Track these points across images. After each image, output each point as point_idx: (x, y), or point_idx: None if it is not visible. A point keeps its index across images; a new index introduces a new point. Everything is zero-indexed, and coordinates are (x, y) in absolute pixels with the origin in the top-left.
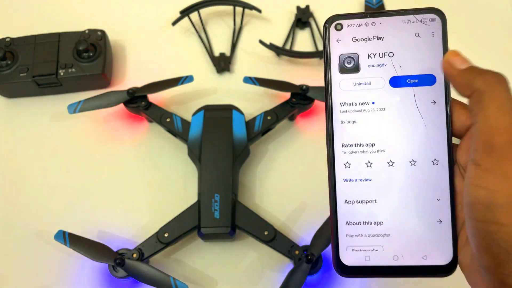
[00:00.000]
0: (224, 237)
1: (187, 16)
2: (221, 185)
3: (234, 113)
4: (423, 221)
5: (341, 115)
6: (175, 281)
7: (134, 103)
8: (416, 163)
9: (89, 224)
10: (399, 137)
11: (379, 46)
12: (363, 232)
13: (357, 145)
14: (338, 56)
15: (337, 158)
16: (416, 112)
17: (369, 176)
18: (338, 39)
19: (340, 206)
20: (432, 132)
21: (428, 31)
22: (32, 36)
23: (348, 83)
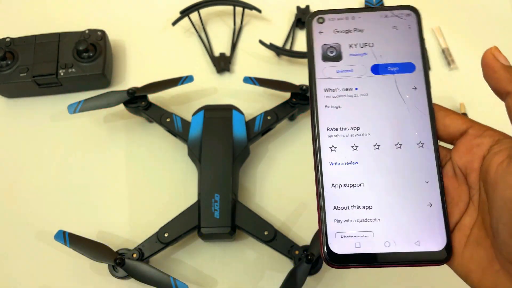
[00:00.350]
0: (224, 237)
1: (187, 16)
2: (221, 185)
3: (234, 113)
4: (413, 204)
5: (325, 100)
6: (175, 281)
7: (134, 103)
8: (402, 146)
9: (89, 224)
10: (383, 121)
11: (359, 37)
12: (352, 217)
13: (342, 128)
14: (321, 46)
15: (323, 142)
16: (398, 97)
17: (355, 159)
18: (321, 31)
19: (327, 190)
20: (415, 116)
21: (405, 24)
22: (32, 36)
23: (331, 71)
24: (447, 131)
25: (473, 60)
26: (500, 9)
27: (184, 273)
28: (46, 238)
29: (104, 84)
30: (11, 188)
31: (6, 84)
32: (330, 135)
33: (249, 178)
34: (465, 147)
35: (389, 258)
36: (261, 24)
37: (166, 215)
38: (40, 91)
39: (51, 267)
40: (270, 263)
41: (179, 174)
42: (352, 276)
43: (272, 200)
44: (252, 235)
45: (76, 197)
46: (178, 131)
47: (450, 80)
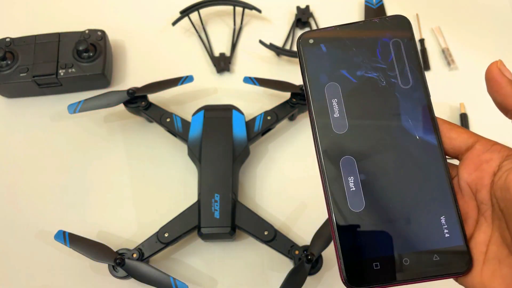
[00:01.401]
0: (224, 237)
1: (187, 16)
2: (221, 185)
3: (234, 113)
4: (428, 218)
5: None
6: (175, 281)
7: (134, 103)
8: (408, 162)
9: (89, 224)
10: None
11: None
12: (369, 237)
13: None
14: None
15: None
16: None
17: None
18: (313, 52)
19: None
20: (416, 122)
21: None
22: (32, 36)
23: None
24: (452, 144)
25: (473, 60)
26: (500, 9)
27: (184, 273)
28: (46, 238)
29: (104, 84)
30: (11, 188)
31: (6, 84)
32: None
33: (249, 178)
34: (473, 163)
35: (409, 274)
36: (261, 24)
37: (166, 215)
38: (40, 91)
39: (51, 267)
40: (270, 263)
41: (179, 174)
42: None
43: (272, 200)
44: (252, 235)
45: (76, 197)
46: (178, 131)
47: (450, 80)
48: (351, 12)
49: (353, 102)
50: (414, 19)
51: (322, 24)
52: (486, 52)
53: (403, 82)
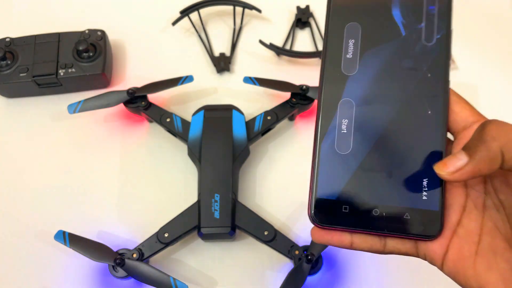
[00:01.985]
0: (224, 237)
1: (187, 16)
2: (221, 185)
3: (234, 113)
4: (408, 176)
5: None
6: (175, 281)
7: (134, 103)
8: (407, 114)
9: (89, 224)
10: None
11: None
12: (344, 181)
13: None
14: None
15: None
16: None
17: (355, 128)
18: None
19: (323, 154)
20: (430, 91)
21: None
22: (32, 36)
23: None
24: (451, 118)
25: (473, 60)
26: (500, 9)
27: (184, 273)
28: (46, 238)
29: (104, 84)
30: (11, 188)
31: (6, 84)
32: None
33: (249, 178)
34: (464, 141)
35: (375, 225)
36: (261, 24)
37: (166, 215)
38: (40, 91)
39: (51, 267)
40: (270, 263)
41: (179, 174)
42: (352, 277)
43: (272, 200)
44: (252, 235)
45: (76, 197)
46: (178, 131)
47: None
48: None
49: (370, 46)
50: None
51: (322, 24)
52: (486, 52)
53: (427, 38)
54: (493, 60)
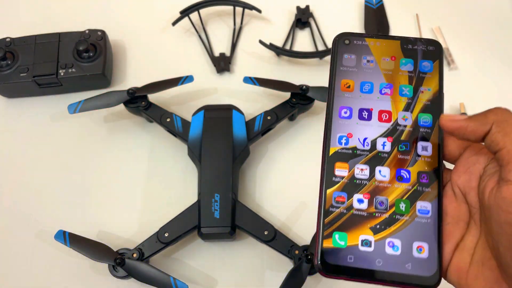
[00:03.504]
0: (224, 237)
1: (187, 16)
2: (221, 185)
3: (234, 113)
4: (408, 229)
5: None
6: (175, 281)
7: (134, 103)
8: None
9: (89, 224)
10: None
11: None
12: (349, 230)
13: (354, 148)
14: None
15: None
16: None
17: (363, 173)
18: (346, 52)
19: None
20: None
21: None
22: (32, 36)
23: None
24: (448, 151)
25: (473, 60)
26: (500, 9)
27: (184, 273)
28: (46, 238)
29: (104, 84)
30: (11, 188)
31: (6, 84)
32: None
33: (249, 178)
34: (462, 166)
35: (379, 275)
36: (261, 24)
37: (166, 215)
38: (40, 91)
39: (51, 267)
40: (270, 263)
41: (179, 174)
42: None
43: (272, 200)
44: (252, 235)
45: (76, 197)
46: (178, 131)
47: (450, 80)
48: (351, 12)
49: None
50: (414, 19)
51: (322, 24)
52: (486, 52)
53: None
54: (493, 60)
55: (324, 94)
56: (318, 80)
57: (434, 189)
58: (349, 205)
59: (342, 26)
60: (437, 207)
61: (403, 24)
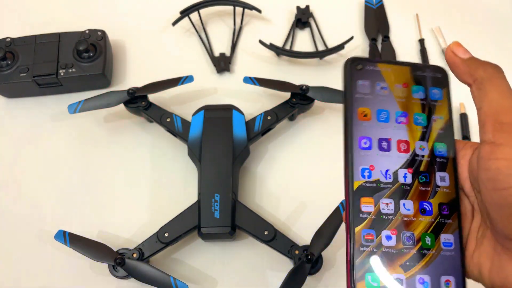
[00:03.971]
0: (224, 237)
1: (187, 16)
2: (221, 185)
3: (234, 113)
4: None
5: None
6: (175, 281)
7: (134, 103)
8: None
9: (89, 224)
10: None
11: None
12: (381, 261)
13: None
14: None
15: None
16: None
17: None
18: (357, 77)
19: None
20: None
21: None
22: (32, 36)
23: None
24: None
25: None
26: (500, 9)
27: (184, 273)
28: (46, 238)
29: (104, 84)
30: (11, 188)
31: (7, 84)
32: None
33: (249, 178)
34: (456, 165)
35: None
36: (261, 24)
37: (166, 215)
38: (40, 91)
39: (51, 267)
40: (270, 263)
41: (179, 174)
42: None
43: (272, 200)
44: (252, 235)
45: (76, 197)
46: (178, 131)
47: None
48: (351, 12)
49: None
50: (414, 19)
51: (322, 24)
52: (486, 52)
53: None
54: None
55: (324, 94)
56: (318, 80)
57: (455, 220)
58: (378, 243)
59: (342, 26)
60: (459, 238)
61: (403, 24)
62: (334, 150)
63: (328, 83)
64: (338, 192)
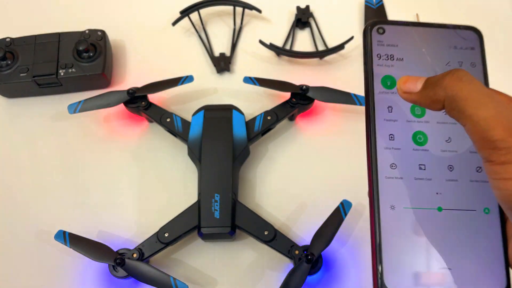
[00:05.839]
0: (224, 237)
1: (187, 16)
2: (221, 185)
3: (234, 113)
4: (474, 252)
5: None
6: (175, 281)
7: (134, 103)
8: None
9: (89, 224)
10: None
11: (417, 53)
12: (410, 255)
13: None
14: (378, 57)
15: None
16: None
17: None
18: (379, 40)
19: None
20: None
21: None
22: (32, 36)
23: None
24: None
25: None
26: (500, 10)
27: (184, 273)
28: (46, 238)
29: (104, 84)
30: (11, 188)
31: (6, 84)
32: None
33: (249, 178)
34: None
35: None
36: (261, 24)
37: (166, 215)
38: (40, 91)
39: (51, 267)
40: (270, 263)
41: (179, 174)
42: (352, 276)
43: (272, 200)
44: (252, 235)
45: (76, 197)
46: (178, 131)
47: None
48: (351, 12)
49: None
50: (414, 19)
51: (322, 24)
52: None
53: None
54: (494, 60)
55: (324, 94)
56: (318, 80)
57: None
58: None
59: (342, 26)
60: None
61: None
62: (334, 150)
63: (328, 83)
64: (338, 192)
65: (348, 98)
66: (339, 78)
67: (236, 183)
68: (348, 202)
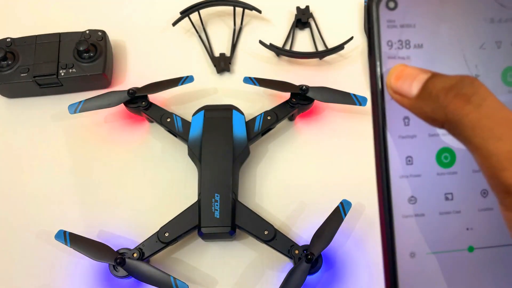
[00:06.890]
0: (224, 237)
1: (187, 17)
2: (221, 185)
3: (234, 113)
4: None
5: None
6: (176, 281)
7: (134, 103)
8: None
9: (89, 224)
10: None
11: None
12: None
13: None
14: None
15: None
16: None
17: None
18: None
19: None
20: None
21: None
22: (32, 36)
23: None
24: None
25: None
26: None
27: (184, 273)
28: (46, 238)
29: (104, 84)
30: (11, 188)
31: (7, 84)
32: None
33: (249, 178)
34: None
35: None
36: (261, 24)
37: (166, 215)
38: (40, 91)
39: (51, 267)
40: (270, 263)
41: (179, 174)
42: (352, 276)
43: (272, 200)
44: (252, 234)
45: (76, 197)
46: (178, 131)
47: None
48: (351, 12)
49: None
50: None
51: (322, 25)
52: None
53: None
54: None
55: (324, 94)
56: (318, 80)
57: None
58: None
59: (342, 26)
60: None
61: None
62: (334, 150)
63: (328, 83)
64: (338, 192)
65: (348, 98)
66: (339, 78)
67: (236, 183)
68: (348, 202)
